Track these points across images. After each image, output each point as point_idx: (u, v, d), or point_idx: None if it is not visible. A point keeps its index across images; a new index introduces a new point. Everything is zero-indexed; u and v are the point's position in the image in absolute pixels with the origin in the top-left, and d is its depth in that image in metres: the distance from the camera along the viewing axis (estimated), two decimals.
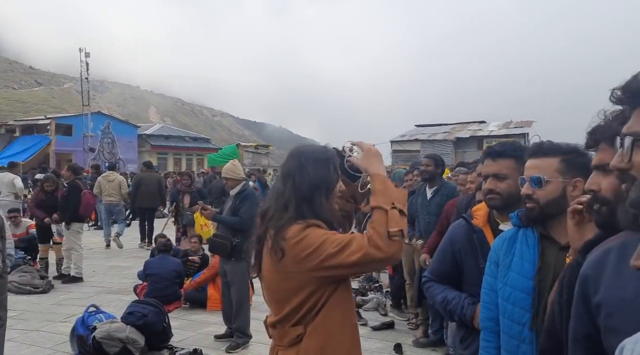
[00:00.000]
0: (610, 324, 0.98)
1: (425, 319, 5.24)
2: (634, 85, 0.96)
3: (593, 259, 1.08)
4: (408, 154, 25.62)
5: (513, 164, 2.01)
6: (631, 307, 0.95)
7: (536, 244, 1.75)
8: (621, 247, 1.03)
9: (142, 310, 4.56)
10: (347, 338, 1.74)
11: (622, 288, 0.97)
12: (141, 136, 38.98)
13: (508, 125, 29.74)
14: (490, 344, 1.88)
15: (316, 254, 1.61)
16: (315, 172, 1.74)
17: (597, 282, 1.03)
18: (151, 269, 6.10)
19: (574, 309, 1.10)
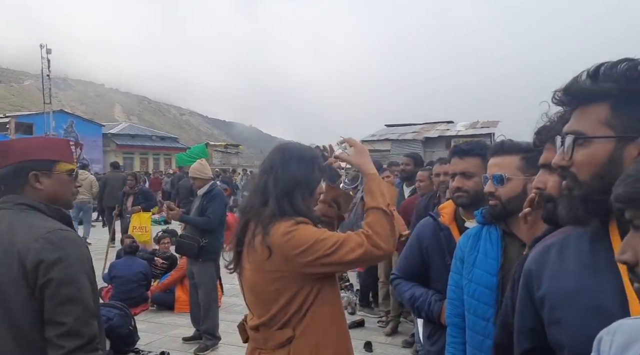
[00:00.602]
0: (554, 316, 1.00)
1: (395, 316, 5.30)
2: (574, 87, 0.99)
3: (535, 254, 1.11)
4: (378, 153, 25.83)
5: (480, 162, 2.04)
6: (573, 299, 0.97)
7: (499, 241, 1.79)
8: (562, 242, 1.06)
9: (106, 313, 4.45)
10: (337, 334, 1.75)
11: (564, 281, 1.00)
12: (106, 135, 38.05)
13: (475, 125, 30.36)
14: (456, 340, 1.92)
15: (310, 251, 1.59)
16: (298, 169, 1.72)
17: (539, 276, 1.06)
18: (117, 271, 5.96)
19: (518, 303, 1.13)
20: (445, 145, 26.72)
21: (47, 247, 1.55)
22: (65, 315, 1.53)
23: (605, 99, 0.96)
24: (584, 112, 0.99)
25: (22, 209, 1.66)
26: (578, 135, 0.98)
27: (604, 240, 0.98)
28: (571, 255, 1.02)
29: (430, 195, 4.00)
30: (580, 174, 0.98)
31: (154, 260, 6.47)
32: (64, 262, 1.56)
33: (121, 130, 41.26)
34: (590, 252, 0.99)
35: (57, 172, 1.75)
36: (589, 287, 0.96)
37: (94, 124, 39.47)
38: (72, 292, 1.56)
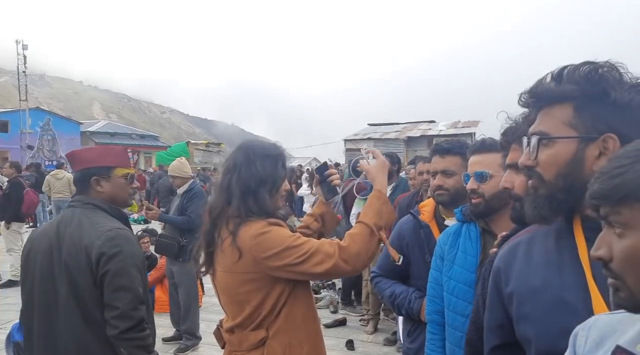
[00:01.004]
0: (522, 312, 1.03)
1: (376, 314, 5.32)
2: (538, 89, 1.02)
3: (503, 252, 1.13)
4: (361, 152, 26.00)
5: (460, 160, 2.06)
6: (539, 295, 1.00)
7: (478, 238, 1.81)
8: (529, 241, 1.09)
9: None
10: (310, 333, 1.74)
11: (531, 278, 1.03)
12: (84, 133, 37.37)
13: (456, 125, 30.67)
14: (435, 336, 1.93)
15: (280, 256, 1.58)
16: (263, 166, 1.71)
17: (507, 274, 1.08)
18: None
19: (488, 300, 1.16)
20: (428, 144, 26.95)
21: (107, 244, 1.89)
22: (118, 300, 1.87)
23: (568, 101, 0.99)
24: (548, 113, 1.02)
25: (89, 208, 2.01)
26: (542, 136, 1.01)
27: (569, 238, 1.01)
28: (538, 253, 1.05)
29: (414, 194, 4.03)
30: (546, 174, 1.00)
31: None
32: (119, 257, 1.89)
33: (100, 128, 40.60)
34: (555, 249, 1.03)
35: (114, 176, 2.08)
36: (554, 284, 0.99)
37: (72, 121, 38.77)
38: (124, 282, 1.88)
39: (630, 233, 0.70)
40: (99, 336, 1.89)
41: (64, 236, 1.95)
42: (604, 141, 0.96)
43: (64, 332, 1.91)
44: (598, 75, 0.96)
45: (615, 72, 0.97)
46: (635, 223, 0.69)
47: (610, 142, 0.96)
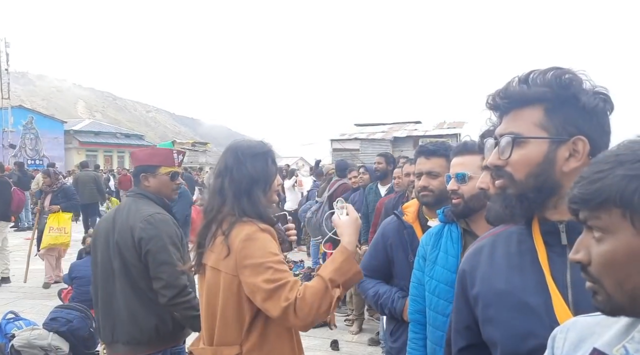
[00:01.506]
0: (487, 315, 1.05)
1: (360, 315, 5.33)
2: (509, 91, 1.04)
3: (468, 255, 1.16)
4: (348, 152, 25.96)
5: (444, 162, 2.09)
6: (502, 298, 1.02)
7: (459, 239, 1.83)
8: (492, 243, 1.11)
9: (66, 315, 4.31)
10: (286, 346, 1.72)
11: (494, 281, 1.05)
12: (68, 132, 36.80)
13: (442, 125, 30.85)
14: (418, 335, 1.95)
15: (254, 270, 1.58)
16: (253, 166, 1.74)
17: (473, 276, 1.10)
18: (77, 272, 5.77)
19: (455, 302, 1.18)
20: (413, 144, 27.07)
21: (147, 227, 2.32)
22: (162, 273, 2.28)
23: (539, 103, 1.01)
24: (517, 115, 1.03)
25: (139, 197, 2.48)
26: (516, 136, 1.02)
27: (528, 241, 1.04)
28: (500, 255, 1.08)
29: (400, 195, 4.05)
30: (516, 173, 1.02)
31: None
32: (158, 237, 2.31)
33: (84, 127, 39.99)
34: (516, 253, 1.05)
35: (159, 174, 2.50)
36: (516, 287, 1.01)
37: (55, 120, 38.15)
38: (165, 258, 2.29)
39: (609, 237, 0.71)
40: (143, 301, 2.32)
41: (118, 220, 2.40)
42: (573, 143, 0.99)
43: (117, 297, 2.35)
44: (568, 79, 0.99)
45: (578, 78, 1.01)
46: (613, 228, 0.70)
47: (580, 144, 0.99)
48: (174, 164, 2.56)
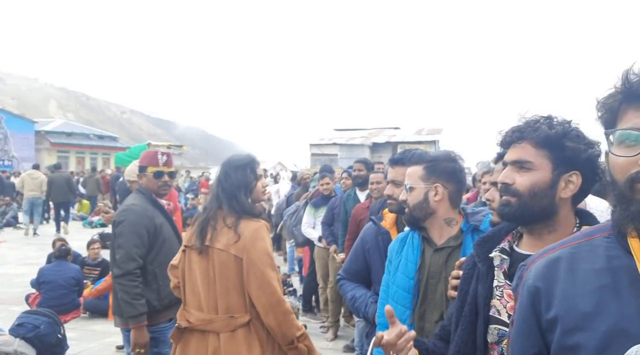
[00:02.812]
0: (570, 342, 0.88)
1: (336, 321, 5.32)
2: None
3: (541, 270, 0.98)
4: (326, 157, 26.00)
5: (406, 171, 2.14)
6: (593, 323, 0.86)
7: (419, 246, 1.88)
8: (570, 256, 0.96)
9: (33, 321, 4.17)
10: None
11: (580, 302, 0.89)
12: (39, 132, 35.88)
13: (420, 131, 31.17)
14: None
15: (264, 262, 2.16)
16: (236, 176, 2.28)
17: (550, 295, 0.94)
18: (46, 277, 5.63)
19: (520, 324, 0.99)
20: (392, 150, 27.30)
21: (120, 213, 2.86)
22: (117, 254, 2.74)
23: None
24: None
25: (137, 192, 3.03)
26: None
27: (623, 257, 0.89)
28: (584, 272, 0.91)
29: (385, 200, 4.05)
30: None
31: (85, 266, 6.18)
32: (124, 223, 2.78)
33: (56, 128, 39.00)
34: (607, 270, 0.89)
35: (147, 173, 2.97)
36: (611, 310, 0.85)
37: (26, 120, 37.16)
38: (122, 242, 2.74)
39: None
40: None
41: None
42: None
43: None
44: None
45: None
46: None
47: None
48: (158, 164, 2.98)
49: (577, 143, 1.23)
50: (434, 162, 1.86)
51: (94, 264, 6.40)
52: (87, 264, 6.35)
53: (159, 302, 2.80)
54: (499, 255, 1.31)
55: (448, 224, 1.86)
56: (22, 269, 8.21)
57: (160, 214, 2.96)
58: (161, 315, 2.84)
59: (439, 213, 1.84)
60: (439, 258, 1.83)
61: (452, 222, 1.86)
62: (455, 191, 1.86)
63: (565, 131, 1.26)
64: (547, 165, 1.25)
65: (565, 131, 1.26)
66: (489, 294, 1.29)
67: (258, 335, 2.17)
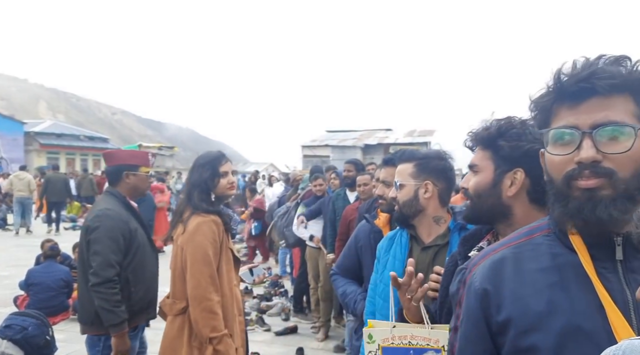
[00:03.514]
0: (525, 344, 0.87)
1: (327, 322, 5.33)
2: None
3: (485, 272, 0.96)
4: (318, 158, 26.03)
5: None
6: (547, 322, 0.86)
7: (407, 244, 1.90)
8: (515, 256, 0.95)
9: (21, 322, 4.13)
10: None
11: (532, 301, 0.88)
12: (28, 133, 35.54)
13: (412, 133, 31.24)
14: None
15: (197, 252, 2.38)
16: (195, 174, 2.52)
17: (499, 297, 0.92)
18: (34, 278, 5.58)
19: (466, 330, 0.97)
20: (384, 152, 27.33)
21: (94, 219, 2.72)
22: (93, 261, 2.62)
23: (624, 92, 0.87)
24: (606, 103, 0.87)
25: (108, 194, 2.90)
26: (616, 125, 0.85)
27: (566, 255, 0.90)
28: (532, 271, 0.91)
29: (374, 199, 4.08)
30: (625, 169, 0.85)
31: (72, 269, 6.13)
32: (98, 229, 2.66)
33: (45, 129, 38.63)
34: (553, 267, 0.90)
35: (140, 172, 2.92)
36: (564, 308, 0.85)
37: (15, 121, 36.78)
38: (98, 248, 2.63)
39: None
40: (88, 286, 2.65)
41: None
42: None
43: (80, 280, 2.79)
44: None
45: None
46: None
47: None
48: (149, 165, 3.03)
49: (515, 141, 1.26)
50: (424, 160, 1.88)
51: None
52: (74, 267, 6.30)
53: (130, 308, 2.70)
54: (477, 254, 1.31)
55: (437, 222, 1.88)
56: (11, 271, 8.13)
57: (134, 218, 2.87)
58: (130, 322, 2.72)
59: (428, 211, 1.86)
60: (426, 256, 1.84)
61: (440, 221, 1.88)
62: (445, 189, 1.88)
63: (500, 131, 1.30)
64: (490, 166, 1.30)
65: (500, 131, 1.30)
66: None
67: (190, 324, 2.35)
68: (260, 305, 6.28)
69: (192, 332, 2.35)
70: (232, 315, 2.43)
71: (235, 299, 2.48)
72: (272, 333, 5.41)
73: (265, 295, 6.73)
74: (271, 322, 5.73)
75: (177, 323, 2.40)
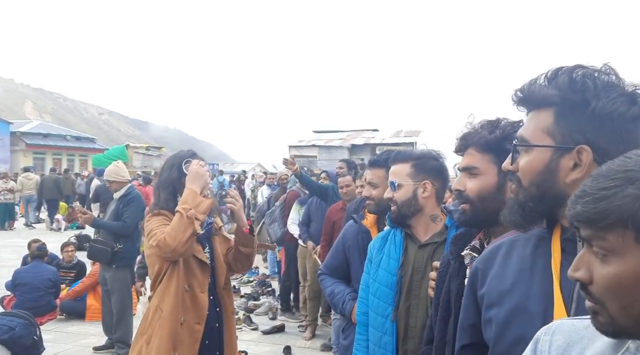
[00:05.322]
0: (488, 316, 1.01)
1: (314, 320, 5.38)
2: (526, 89, 0.98)
3: (485, 254, 1.10)
4: (306, 159, 26.00)
5: (383, 173, 2.19)
6: (505, 300, 0.97)
7: (401, 243, 1.93)
8: (510, 243, 1.05)
9: (8, 323, 4.14)
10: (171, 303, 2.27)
11: (502, 282, 1.00)
12: (14, 134, 35.10)
13: (399, 134, 31.27)
14: (362, 337, 2.02)
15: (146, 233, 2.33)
16: (164, 174, 2.47)
17: (484, 275, 1.05)
18: (21, 279, 5.57)
19: (463, 299, 1.13)
20: (371, 152, 27.34)
21: None
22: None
23: (549, 106, 0.95)
24: (534, 117, 0.99)
25: None
26: (520, 142, 0.99)
27: (546, 246, 0.98)
28: (515, 257, 1.02)
29: (361, 200, 4.12)
30: (523, 180, 0.98)
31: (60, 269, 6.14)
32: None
33: (32, 129, 38.14)
34: (530, 256, 1.00)
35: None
36: (521, 290, 0.96)
37: (1, 121, 36.38)
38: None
39: (616, 259, 0.65)
40: None
41: None
42: (577, 152, 0.92)
43: None
44: (581, 81, 0.92)
45: (606, 78, 0.92)
46: (621, 250, 0.65)
47: (584, 154, 0.92)
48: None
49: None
50: (421, 160, 1.92)
51: (68, 266, 6.34)
52: (61, 267, 6.29)
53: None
54: (470, 253, 1.33)
55: (433, 220, 1.91)
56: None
57: None
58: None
59: (426, 209, 1.90)
60: (423, 254, 1.87)
61: (437, 219, 1.92)
62: (441, 188, 1.93)
63: (505, 134, 1.31)
64: (493, 169, 1.32)
65: (505, 134, 1.31)
66: (460, 291, 1.30)
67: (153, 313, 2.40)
68: (248, 305, 6.32)
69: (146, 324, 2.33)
70: (174, 323, 2.25)
71: (197, 306, 2.29)
72: (259, 332, 5.46)
73: (253, 294, 6.78)
74: (259, 321, 5.77)
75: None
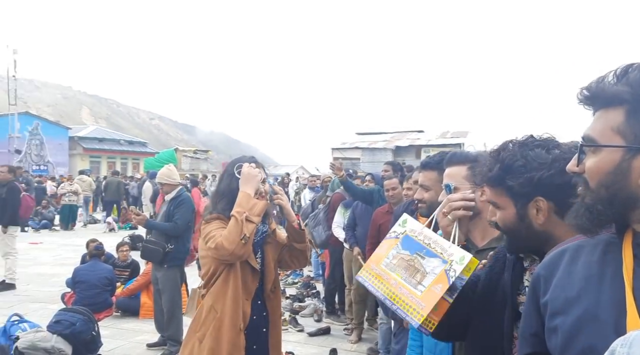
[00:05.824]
0: (552, 324, 0.96)
1: (360, 324, 5.37)
2: (593, 87, 0.94)
3: (548, 259, 1.06)
4: (349, 161, 25.96)
5: (436, 175, 2.14)
6: (572, 307, 0.93)
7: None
8: (576, 249, 1.01)
9: (70, 318, 4.38)
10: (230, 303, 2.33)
11: (568, 289, 0.96)
12: (73, 138, 36.99)
13: (445, 134, 30.65)
14: (416, 342, 2.01)
15: (202, 237, 2.39)
16: (224, 182, 2.50)
17: (547, 282, 1.01)
18: (80, 276, 5.86)
19: (525, 307, 1.09)
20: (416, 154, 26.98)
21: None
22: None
23: (620, 104, 0.90)
24: (602, 116, 0.93)
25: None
26: (586, 142, 0.94)
27: (616, 252, 0.93)
28: (582, 263, 0.97)
29: (409, 202, 4.10)
30: (591, 182, 0.93)
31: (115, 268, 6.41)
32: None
33: (88, 134, 40.11)
34: (599, 262, 0.95)
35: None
36: (589, 298, 0.91)
37: (60, 126, 38.38)
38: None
39: None
40: None
41: None
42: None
43: None
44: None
45: None
46: None
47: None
48: None
49: (522, 175, 1.22)
50: (478, 162, 1.88)
51: (123, 265, 6.61)
52: (117, 266, 6.57)
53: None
54: (530, 255, 1.31)
55: (492, 225, 1.88)
56: (58, 269, 8.53)
57: None
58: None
59: (484, 214, 1.82)
60: (480, 260, 1.82)
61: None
62: None
63: (505, 169, 1.26)
64: (509, 202, 1.28)
65: (505, 169, 1.26)
66: (515, 283, 1.30)
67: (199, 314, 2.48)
68: (293, 306, 6.38)
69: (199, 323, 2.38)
70: (232, 329, 2.32)
71: (243, 313, 2.35)
72: (305, 334, 5.50)
73: (298, 296, 6.84)
74: (304, 323, 5.82)
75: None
